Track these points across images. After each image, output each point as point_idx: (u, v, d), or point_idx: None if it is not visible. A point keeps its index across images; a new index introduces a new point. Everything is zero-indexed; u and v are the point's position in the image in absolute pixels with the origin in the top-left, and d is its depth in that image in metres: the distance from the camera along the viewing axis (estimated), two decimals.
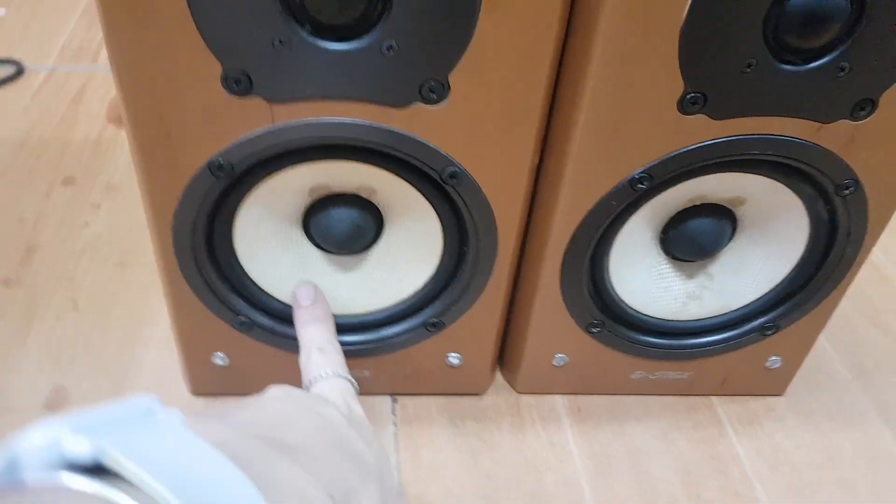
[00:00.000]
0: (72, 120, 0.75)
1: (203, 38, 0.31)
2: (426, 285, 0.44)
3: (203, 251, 0.40)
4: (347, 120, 0.34)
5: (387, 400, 0.51)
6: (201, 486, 0.18)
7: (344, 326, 0.46)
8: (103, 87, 0.80)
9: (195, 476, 0.19)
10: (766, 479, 0.48)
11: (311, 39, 0.32)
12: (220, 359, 0.47)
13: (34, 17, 0.91)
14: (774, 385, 0.52)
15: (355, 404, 0.35)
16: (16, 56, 0.83)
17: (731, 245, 0.45)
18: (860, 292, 0.63)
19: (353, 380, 0.38)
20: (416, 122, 0.35)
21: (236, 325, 0.44)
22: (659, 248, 0.45)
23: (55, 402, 0.49)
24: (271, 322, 0.45)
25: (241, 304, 0.44)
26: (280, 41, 0.32)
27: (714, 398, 0.52)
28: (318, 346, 0.39)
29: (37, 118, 0.75)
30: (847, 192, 0.40)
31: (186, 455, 0.19)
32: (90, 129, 0.73)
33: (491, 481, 0.46)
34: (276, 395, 0.32)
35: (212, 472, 0.19)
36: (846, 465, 0.49)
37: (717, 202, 0.43)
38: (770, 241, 0.44)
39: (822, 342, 0.58)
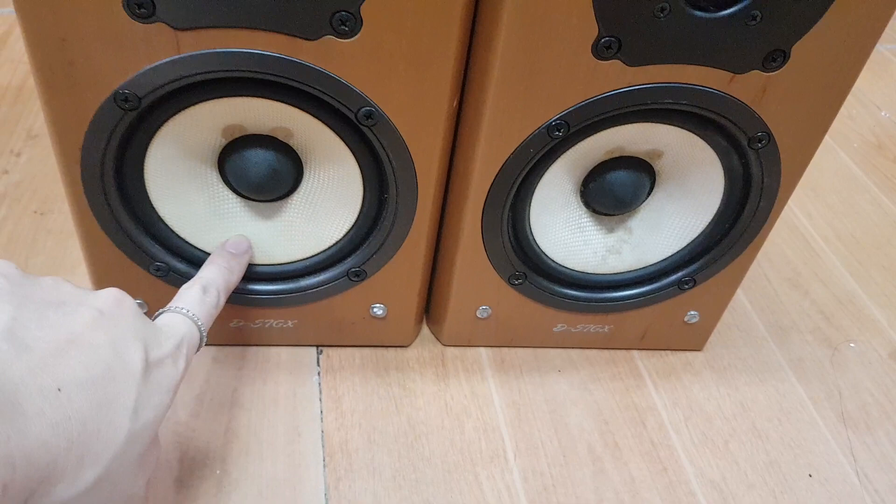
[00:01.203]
0: None
1: None
2: (347, 233, 0.44)
3: (114, 190, 0.39)
4: (255, 51, 0.33)
5: (312, 351, 0.50)
6: None
7: (264, 275, 0.45)
8: None
9: None
10: (682, 428, 0.49)
11: None
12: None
13: None
14: (693, 340, 0.53)
15: (179, 356, 0.32)
16: None
17: (649, 200, 0.46)
18: (781, 254, 0.65)
19: (204, 334, 0.36)
20: (328, 57, 0.34)
21: (152, 270, 0.43)
22: (579, 200, 0.46)
23: None
24: (189, 268, 0.44)
25: (155, 249, 0.43)
26: None
27: (635, 352, 0.53)
28: (204, 286, 0.38)
29: None
30: (760, 144, 0.41)
31: None
32: (13, 76, 0.71)
33: (412, 427, 0.46)
34: (98, 305, 0.30)
35: None
36: (759, 417, 0.50)
37: (636, 155, 0.43)
38: (687, 195, 0.45)
39: (743, 301, 0.59)
